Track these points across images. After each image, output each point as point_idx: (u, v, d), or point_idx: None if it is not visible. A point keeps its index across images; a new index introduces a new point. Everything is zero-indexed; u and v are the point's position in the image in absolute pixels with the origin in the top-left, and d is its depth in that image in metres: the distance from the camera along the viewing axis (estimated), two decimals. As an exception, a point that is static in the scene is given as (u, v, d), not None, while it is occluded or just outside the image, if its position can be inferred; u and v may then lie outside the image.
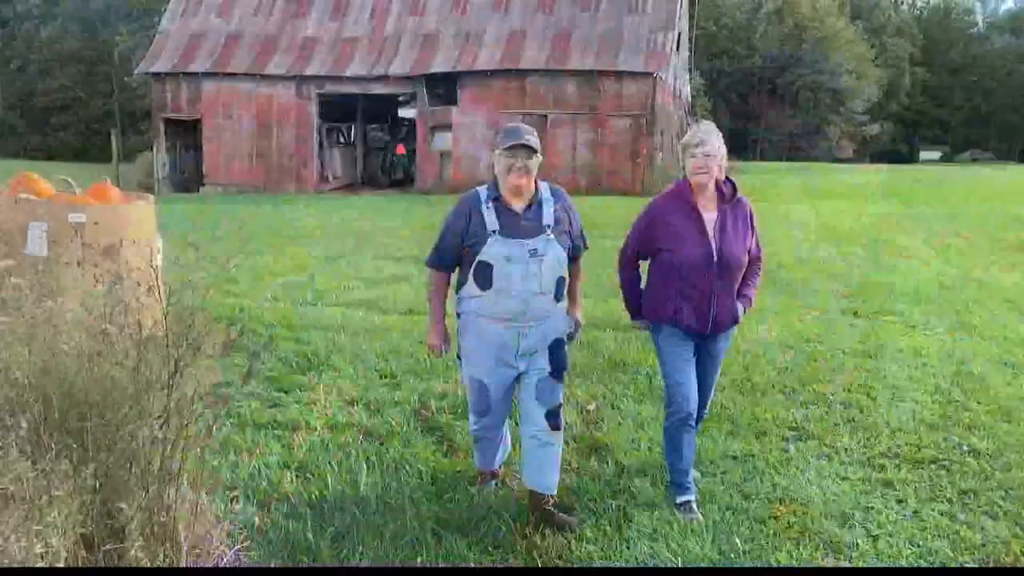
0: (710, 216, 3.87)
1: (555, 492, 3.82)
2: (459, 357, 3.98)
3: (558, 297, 3.82)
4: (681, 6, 28.18)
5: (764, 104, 75.33)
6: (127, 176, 29.67)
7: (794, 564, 3.35)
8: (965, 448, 4.59)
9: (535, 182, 3.80)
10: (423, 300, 8.74)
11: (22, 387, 2.40)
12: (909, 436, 4.77)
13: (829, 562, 3.37)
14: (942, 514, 3.80)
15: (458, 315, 3.89)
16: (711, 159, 3.80)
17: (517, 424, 4.17)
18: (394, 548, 3.43)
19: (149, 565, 2.86)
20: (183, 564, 2.99)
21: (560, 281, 3.80)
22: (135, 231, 6.38)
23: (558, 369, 3.84)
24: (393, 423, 4.96)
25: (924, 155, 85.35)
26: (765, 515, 3.79)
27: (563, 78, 25.78)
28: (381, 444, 4.63)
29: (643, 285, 4.10)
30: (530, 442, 3.84)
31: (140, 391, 2.56)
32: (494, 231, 3.68)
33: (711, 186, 3.86)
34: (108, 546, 2.76)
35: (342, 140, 31.53)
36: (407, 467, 4.31)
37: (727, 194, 3.91)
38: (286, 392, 5.58)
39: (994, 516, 3.79)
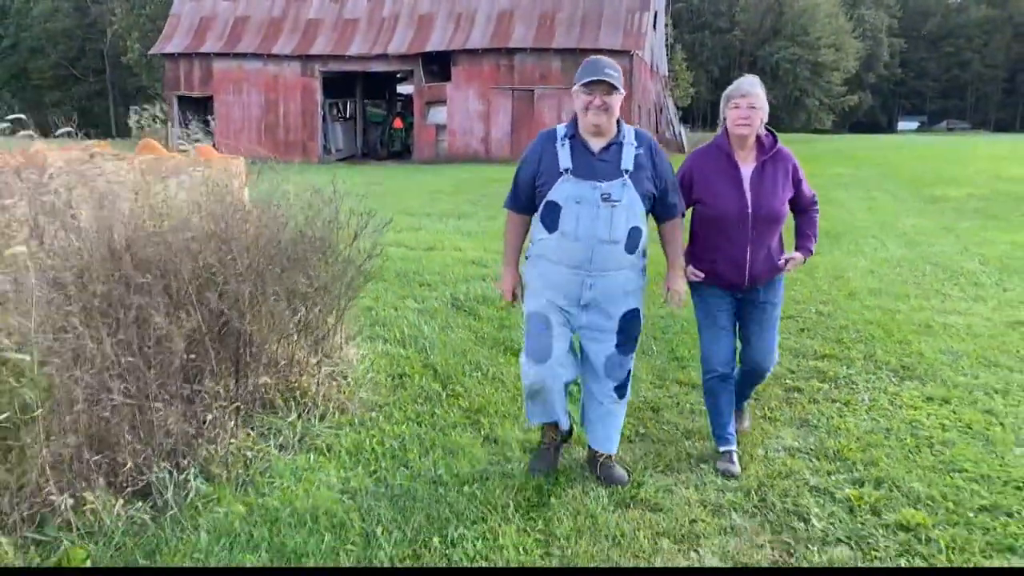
0: (747, 169, 3.77)
1: (615, 451, 3.91)
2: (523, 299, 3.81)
3: (630, 249, 3.56)
4: (657, -13, 30.40)
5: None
6: (142, 150, 31.76)
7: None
8: (814, 311, 7.03)
9: (619, 122, 3.61)
10: (441, 240, 11.17)
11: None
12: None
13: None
14: (783, 336, 6.23)
15: (526, 257, 3.78)
16: (756, 112, 3.67)
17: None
18: (452, 354, 5.81)
19: (320, 354, 5.19)
20: (342, 353, 5.34)
21: (634, 232, 3.54)
22: (238, 181, 8.74)
23: (626, 342, 3.70)
24: (436, 306, 7.34)
25: (902, 125, 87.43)
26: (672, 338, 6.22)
27: (548, 56, 28.02)
28: (431, 316, 7.00)
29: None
30: (597, 410, 3.82)
31: (335, 244, 4.89)
32: (566, 169, 3.50)
33: (751, 139, 3.75)
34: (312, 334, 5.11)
35: (340, 115, 33.66)
36: (450, 326, 6.68)
37: (767, 145, 3.80)
38: (355, 292, 7.93)
39: (813, 337, 6.23)
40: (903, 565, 3.12)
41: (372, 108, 34.60)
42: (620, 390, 3.79)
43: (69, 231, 3.77)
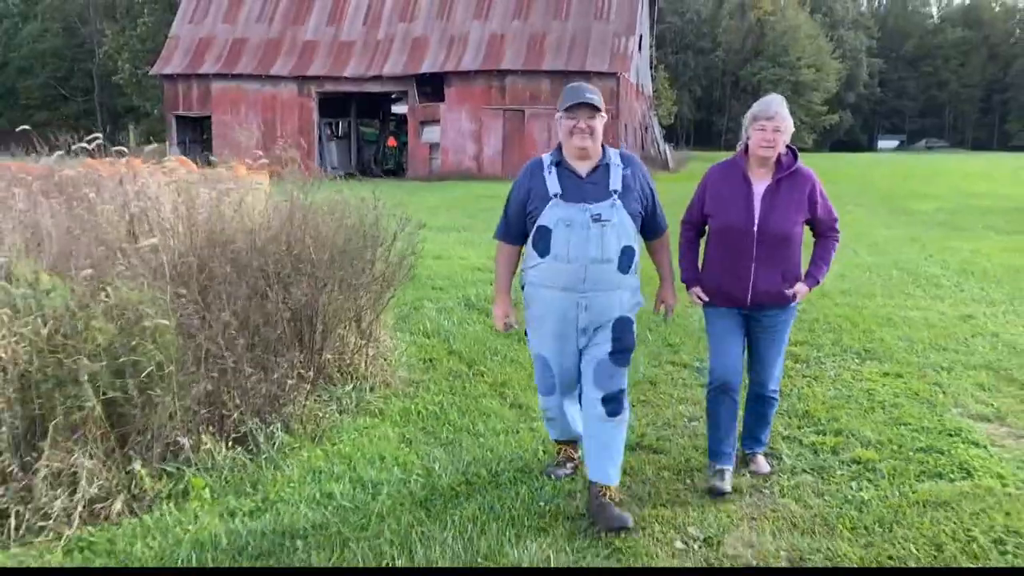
0: (760, 185, 3.77)
1: (615, 484, 3.66)
2: (527, 333, 3.84)
3: (624, 268, 3.57)
4: (642, 12, 31.55)
5: (727, 96, 79.01)
6: (140, 169, 32.53)
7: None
8: (790, 307, 7.88)
9: (603, 147, 3.67)
10: (446, 250, 12.00)
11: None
12: (760, 303, 8.07)
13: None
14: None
15: (522, 287, 3.78)
16: (780, 135, 3.68)
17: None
18: (472, 343, 6.62)
19: (362, 341, 5.99)
20: (381, 339, 6.13)
21: (627, 251, 3.56)
22: (265, 194, 9.56)
23: (620, 350, 3.63)
24: (451, 305, 8.15)
25: (882, 144, 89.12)
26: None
27: (538, 77, 29.05)
28: (448, 313, 7.81)
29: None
30: (589, 427, 3.70)
31: (375, 244, 5.69)
32: (556, 194, 3.54)
33: (772, 159, 3.75)
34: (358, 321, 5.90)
35: (333, 134, 34.53)
36: (467, 321, 7.50)
37: (785, 164, 3.78)
38: (377, 294, 8.73)
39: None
40: (854, 489, 3.94)
41: (364, 127, 35.50)
42: (609, 404, 3.60)
43: (173, 230, 4.59)
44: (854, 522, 3.60)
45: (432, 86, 30.22)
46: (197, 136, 32.96)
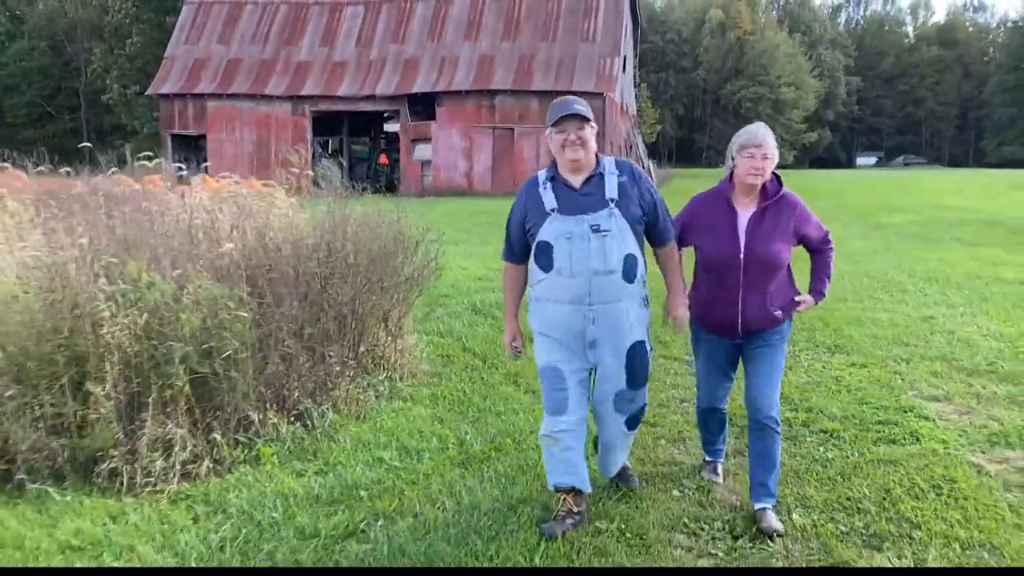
0: (745, 213, 3.76)
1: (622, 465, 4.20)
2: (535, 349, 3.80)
3: (628, 277, 3.58)
4: (626, 34, 32.59)
5: (708, 114, 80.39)
6: (135, 186, 33.11)
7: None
8: (769, 310, 8.67)
9: (597, 156, 3.65)
10: (446, 261, 12.68)
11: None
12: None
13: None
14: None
15: (529, 303, 3.80)
16: (768, 162, 3.68)
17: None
18: (483, 341, 7.34)
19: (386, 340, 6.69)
20: (406, 336, 6.84)
21: (629, 259, 3.57)
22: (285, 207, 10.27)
23: (636, 380, 3.74)
24: (459, 311, 8.87)
25: (861, 160, 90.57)
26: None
27: (527, 97, 29.97)
28: (457, 317, 8.53)
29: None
30: (608, 439, 3.91)
31: (400, 251, 6.42)
32: (552, 209, 3.56)
33: (758, 187, 3.75)
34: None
35: (324, 152, 35.29)
36: (475, 324, 8.22)
37: (770, 192, 3.78)
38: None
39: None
40: (821, 451, 4.69)
41: (355, 145, 36.29)
42: (631, 423, 3.84)
43: (230, 237, 5.29)
44: (820, 475, 4.35)
45: (424, 105, 31.07)
46: (192, 154, 33.58)
